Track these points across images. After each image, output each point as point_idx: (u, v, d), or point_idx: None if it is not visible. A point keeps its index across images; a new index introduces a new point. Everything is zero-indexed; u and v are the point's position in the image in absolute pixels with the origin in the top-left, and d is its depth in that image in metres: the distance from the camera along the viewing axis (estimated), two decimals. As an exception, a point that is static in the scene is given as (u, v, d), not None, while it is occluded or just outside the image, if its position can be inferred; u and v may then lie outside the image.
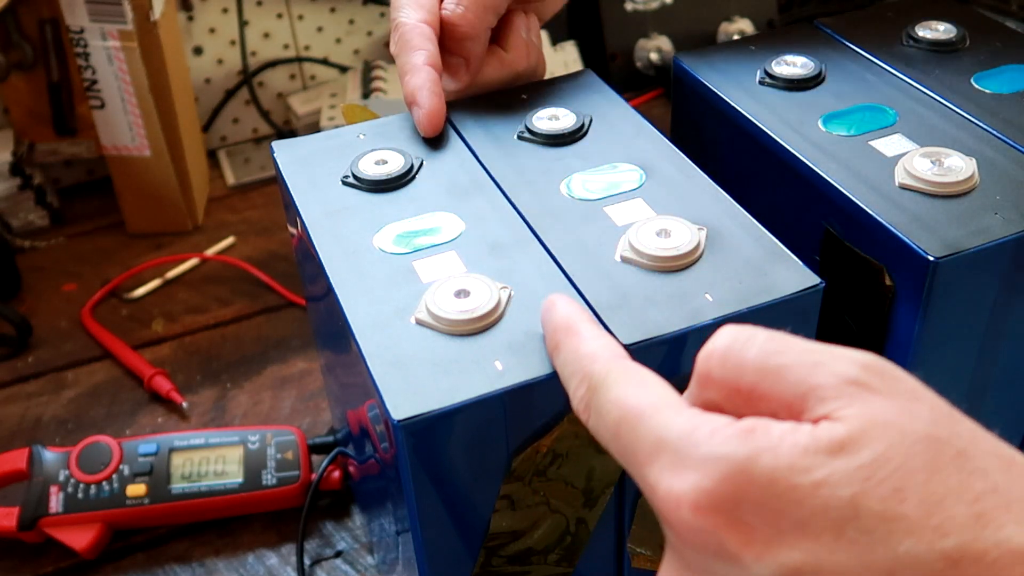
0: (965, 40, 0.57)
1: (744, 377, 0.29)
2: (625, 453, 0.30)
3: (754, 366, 0.29)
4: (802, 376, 0.28)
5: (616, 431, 0.30)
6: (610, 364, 0.32)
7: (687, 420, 0.28)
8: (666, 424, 0.29)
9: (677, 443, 0.28)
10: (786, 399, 0.28)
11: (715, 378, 0.29)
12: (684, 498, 0.27)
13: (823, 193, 0.47)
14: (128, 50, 0.80)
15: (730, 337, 0.29)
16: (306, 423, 0.70)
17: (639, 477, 0.29)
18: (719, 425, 0.28)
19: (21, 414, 0.72)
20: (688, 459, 0.27)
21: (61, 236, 0.89)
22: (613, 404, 0.31)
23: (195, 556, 0.61)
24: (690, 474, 0.27)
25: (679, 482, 0.27)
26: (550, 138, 0.49)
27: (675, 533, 0.28)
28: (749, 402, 0.29)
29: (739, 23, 1.03)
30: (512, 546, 0.40)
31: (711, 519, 0.27)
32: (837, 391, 0.27)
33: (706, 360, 0.30)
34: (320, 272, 0.43)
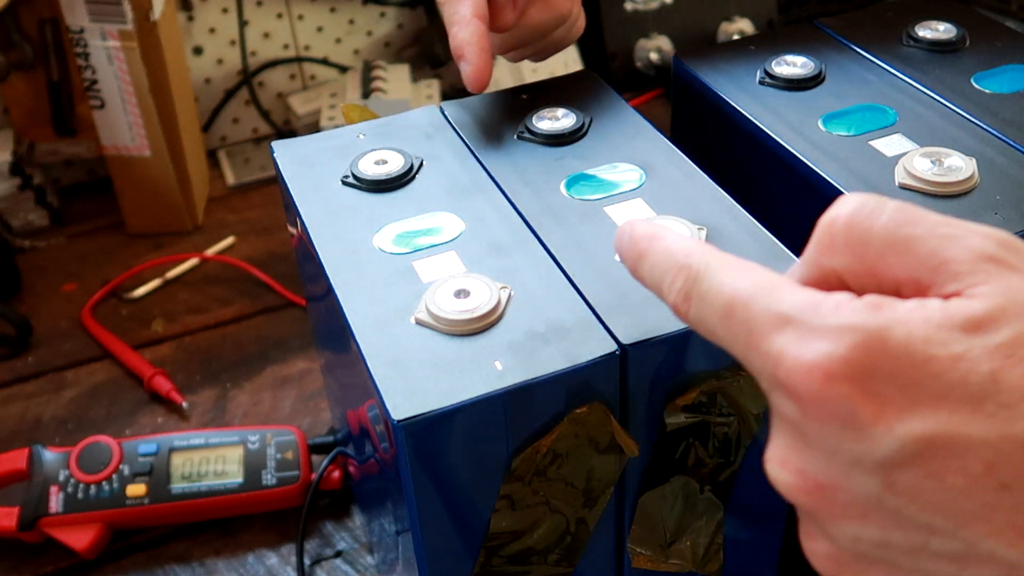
0: (965, 40, 0.57)
1: (871, 245, 0.28)
2: (737, 334, 0.29)
3: (882, 235, 0.28)
4: (934, 249, 0.27)
5: (727, 311, 0.29)
6: (709, 255, 0.31)
7: (808, 295, 0.27)
8: (786, 299, 0.27)
9: (801, 315, 0.27)
10: (915, 272, 0.27)
11: (838, 244, 0.28)
12: (816, 366, 0.26)
13: (823, 193, 0.47)
14: (128, 50, 0.80)
15: (857, 203, 0.28)
16: (306, 423, 0.70)
17: (755, 354, 0.28)
18: (843, 299, 0.27)
19: (21, 414, 0.72)
20: (817, 329, 0.26)
21: (61, 236, 0.89)
22: (721, 287, 0.29)
23: (195, 556, 0.61)
24: (821, 343, 0.26)
25: (809, 351, 0.26)
26: (550, 138, 0.49)
27: (800, 405, 0.27)
28: (872, 272, 0.28)
29: (739, 23, 1.03)
30: (512, 546, 0.40)
31: (844, 387, 0.26)
32: (971, 266, 0.26)
33: (830, 225, 0.29)
34: (320, 272, 0.43)
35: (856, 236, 0.28)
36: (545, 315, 0.38)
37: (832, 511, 0.27)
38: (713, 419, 0.40)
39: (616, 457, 0.39)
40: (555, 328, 0.38)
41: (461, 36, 0.49)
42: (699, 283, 0.30)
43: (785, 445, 0.28)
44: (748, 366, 0.29)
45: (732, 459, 0.42)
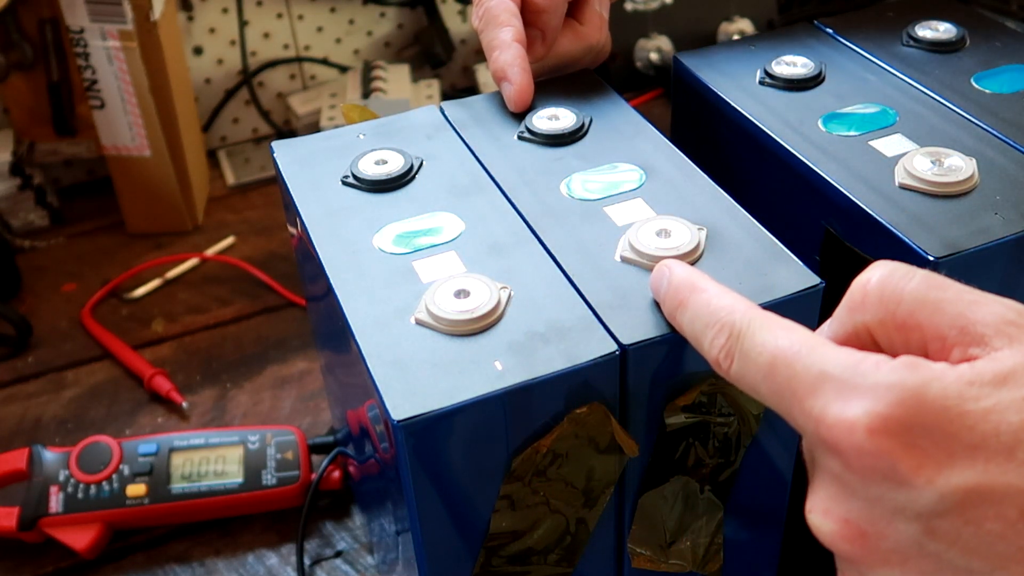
0: (965, 40, 0.57)
1: (902, 306, 0.30)
2: (780, 391, 0.30)
3: (913, 296, 0.30)
4: (961, 311, 0.29)
5: (770, 371, 0.30)
6: (750, 312, 0.32)
7: (848, 354, 0.29)
8: (828, 357, 0.29)
9: (843, 374, 0.29)
10: (942, 331, 0.29)
11: (870, 303, 0.31)
12: (858, 423, 0.28)
13: (823, 193, 0.47)
14: (128, 50, 0.80)
15: (889, 267, 0.31)
16: (306, 423, 0.70)
17: (798, 412, 0.30)
18: (881, 359, 0.28)
19: (21, 414, 0.72)
20: (858, 387, 0.28)
21: (61, 236, 0.89)
22: (763, 346, 0.31)
23: (195, 556, 0.61)
24: (862, 400, 0.28)
25: (851, 408, 0.28)
26: (550, 138, 0.49)
27: (843, 459, 0.28)
28: (901, 331, 0.30)
29: (739, 23, 1.03)
30: (512, 546, 0.40)
31: (885, 442, 0.27)
32: (995, 329, 0.29)
33: (863, 285, 0.31)
34: (320, 272, 0.43)
35: (888, 295, 0.30)
36: (545, 315, 0.38)
37: (874, 557, 0.29)
38: (713, 419, 0.40)
39: (616, 457, 0.39)
40: (555, 328, 0.38)
41: (503, 59, 0.50)
42: (742, 341, 0.32)
43: (828, 496, 0.30)
44: (791, 421, 0.30)
45: (732, 459, 0.42)
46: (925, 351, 0.30)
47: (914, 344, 0.30)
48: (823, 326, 0.33)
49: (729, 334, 0.32)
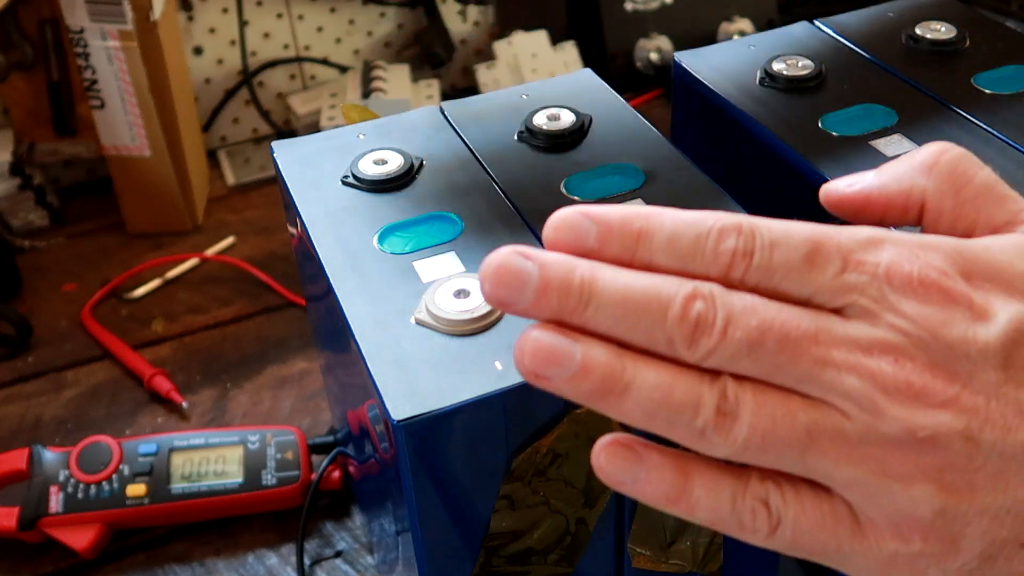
0: (965, 40, 0.57)
1: (971, 186, 0.32)
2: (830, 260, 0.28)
3: (983, 182, 0.32)
4: (1019, 209, 0.32)
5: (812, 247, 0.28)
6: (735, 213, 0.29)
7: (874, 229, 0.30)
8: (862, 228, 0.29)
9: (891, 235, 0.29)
10: (999, 222, 0.31)
11: (940, 172, 0.32)
12: (930, 270, 0.28)
13: (823, 193, 0.47)
14: (128, 50, 0.80)
15: (962, 150, 0.33)
16: (306, 423, 0.70)
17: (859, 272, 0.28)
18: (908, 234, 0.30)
19: (21, 414, 0.72)
20: (917, 243, 0.29)
21: (61, 236, 0.89)
22: (790, 228, 0.28)
23: (195, 556, 0.61)
24: (929, 254, 0.28)
25: (917, 261, 0.28)
26: (550, 138, 0.49)
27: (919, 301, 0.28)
28: (957, 208, 0.32)
29: (739, 23, 1.03)
30: (512, 546, 0.40)
31: (960, 283, 0.28)
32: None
33: (940, 152, 0.32)
34: (320, 272, 0.43)
35: (960, 172, 0.32)
36: (545, 315, 0.38)
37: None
38: (713, 419, 0.40)
39: (616, 457, 0.39)
40: (555, 328, 0.38)
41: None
42: (760, 233, 0.28)
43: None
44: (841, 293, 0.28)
45: (732, 459, 0.42)
46: (972, 231, 0.31)
47: (960, 224, 0.32)
48: (868, 173, 0.33)
49: (738, 231, 0.28)
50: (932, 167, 0.32)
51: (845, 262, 0.28)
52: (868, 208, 0.33)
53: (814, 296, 0.28)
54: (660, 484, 0.28)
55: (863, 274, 0.28)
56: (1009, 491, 0.27)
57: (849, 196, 0.33)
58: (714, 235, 0.28)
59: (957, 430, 0.27)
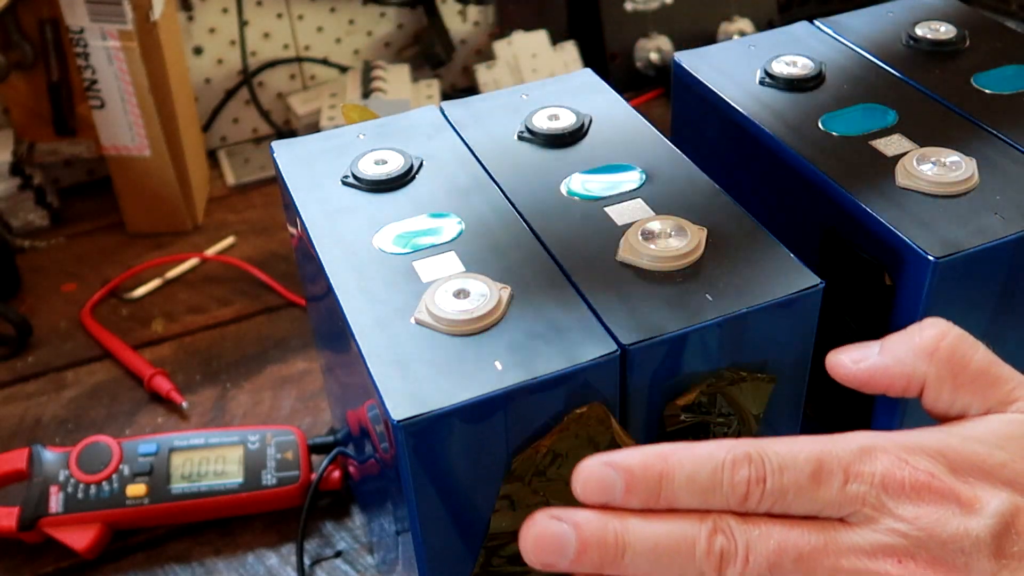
0: (965, 40, 0.57)
1: (966, 371, 0.35)
2: (832, 474, 0.31)
3: (978, 367, 0.35)
4: (1013, 387, 0.35)
5: (816, 466, 0.32)
6: (745, 440, 0.33)
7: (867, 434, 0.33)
8: (857, 437, 0.32)
9: (881, 441, 0.32)
10: (993, 403, 0.34)
11: (940, 359, 0.35)
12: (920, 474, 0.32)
13: (823, 193, 0.47)
14: (128, 50, 0.80)
15: (959, 332, 0.36)
16: (306, 423, 0.70)
17: (859, 482, 0.31)
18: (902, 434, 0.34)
19: (21, 414, 0.72)
20: (906, 448, 0.32)
21: (61, 236, 0.89)
22: (792, 452, 0.32)
23: (195, 556, 0.61)
24: (919, 459, 0.32)
25: (909, 468, 0.32)
26: (550, 138, 0.49)
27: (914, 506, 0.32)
28: (955, 393, 0.35)
29: (739, 23, 1.03)
30: (512, 546, 0.40)
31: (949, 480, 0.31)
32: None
33: (938, 338, 0.35)
34: (320, 272, 0.43)
35: (958, 358, 0.35)
36: (545, 315, 0.38)
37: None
38: (713, 419, 0.40)
39: (616, 457, 0.39)
40: (555, 328, 0.38)
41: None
42: (768, 459, 0.31)
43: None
44: (848, 503, 0.31)
45: (732, 459, 0.42)
46: (965, 414, 0.35)
47: (957, 406, 0.35)
48: (873, 349, 0.37)
49: (749, 460, 0.31)
50: (933, 354, 0.35)
51: (846, 475, 0.31)
52: (872, 384, 0.37)
53: (823, 510, 0.31)
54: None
55: (863, 484, 0.31)
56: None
57: (855, 373, 0.37)
58: (728, 467, 0.31)
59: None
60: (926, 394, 0.36)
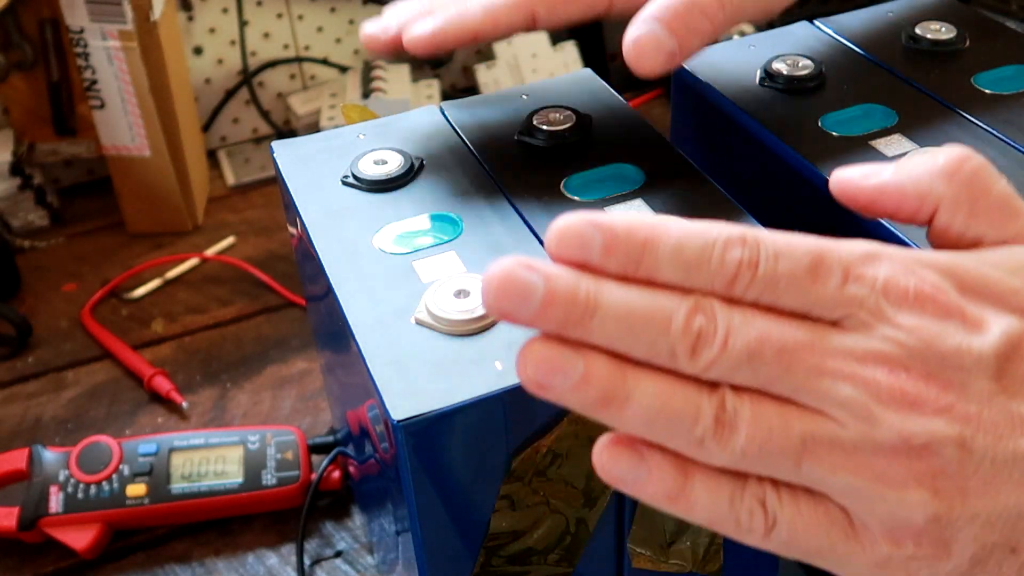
0: (965, 40, 0.57)
1: (989, 197, 0.32)
2: (831, 272, 0.28)
3: (1001, 195, 0.32)
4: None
5: (815, 259, 0.28)
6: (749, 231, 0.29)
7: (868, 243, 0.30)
8: (861, 243, 0.29)
9: (886, 250, 0.29)
10: (1008, 235, 0.32)
11: (960, 181, 0.32)
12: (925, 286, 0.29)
13: (823, 193, 0.47)
14: (128, 50, 0.80)
15: (983, 160, 0.33)
16: (306, 423, 0.70)
17: (858, 285, 0.28)
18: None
19: (21, 414, 0.72)
20: (913, 259, 0.29)
21: (61, 236, 0.89)
22: (792, 241, 0.28)
23: (195, 556, 0.61)
24: (924, 271, 0.29)
25: (913, 276, 0.29)
26: (550, 138, 0.49)
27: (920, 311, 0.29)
28: (973, 215, 0.32)
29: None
30: (512, 546, 0.40)
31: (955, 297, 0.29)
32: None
33: (961, 160, 0.32)
34: (320, 272, 0.43)
35: (979, 184, 0.32)
36: (545, 315, 0.38)
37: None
38: (713, 419, 0.40)
39: (616, 457, 0.39)
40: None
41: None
42: (764, 245, 0.28)
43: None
44: (842, 304, 0.28)
45: (732, 459, 0.42)
46: (979, 243, 0.32)
47: (969, 235, 0.32)
48: (886, 168, 0.33)
49: (743, 242, 0.28)
50: (953, 175, 0.32)
51: (846, 274, 0.28)
52: (879, 203, 0.33)
53: (814, 308, 0.28)
54: (660, 483, 0.28)
55: (863, 286, 0.28)
56: (1000, 498, 0.28)
57: (863, 187, 0.34)
58: (720, 246, 0.28)
59: (951, 437, 0.27)
60: (938, 218, 0.32)
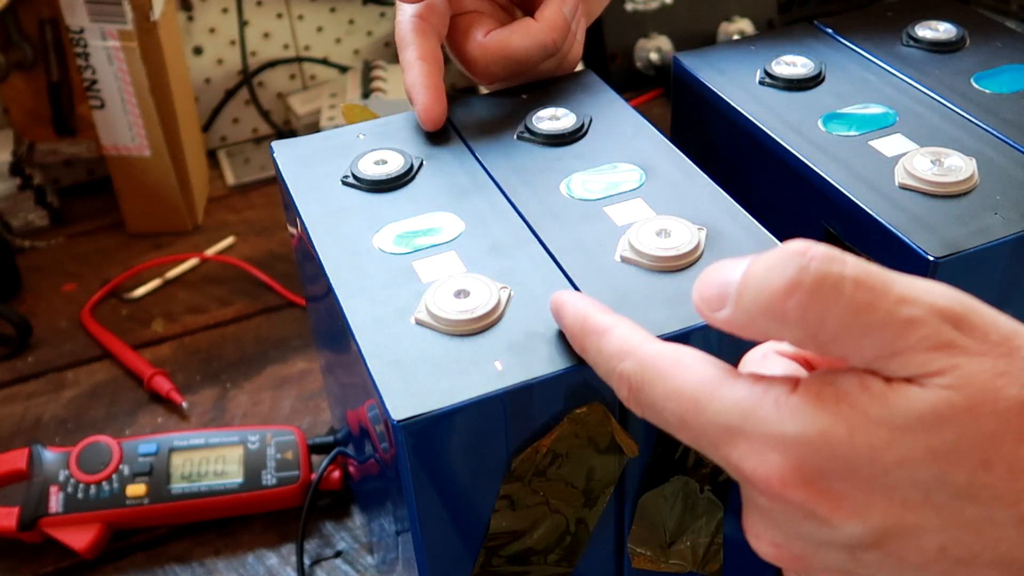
0: (965, 40, 0.57)
1: (826, 328, 0.27)
2: (698, 441, 0.30)
3: (841, 321, 0.27)
4: (890, 339, 0.26)
5: (680, 423, 0.30)
6: (640, 358, 0.32)
7: (746, 396, 0.29)
8: (728, 407, 0.29)
9: (745, 424, 0.28)
10: (869, 357, 0.27)
11: (791, 319, 0.27)
12: (772, 478, 0.28)
13: (823, 193, 0.47)
14: (128, 50, 0.80)
15: (814, 277, 0.27)
16: (306, 423, 0.70)
17: (719, 459, 0.30)
18: (780, 395, 0.28)
19: (21, 414, 0.72)
20: (765, 439, 0.28)
21: (61, 236, 0.89)
22: (665, 399, 0.31)
23: (195, 556, 0.61)
24: (772, 455, 0.28)
25: (763, 464, 0.28)
26: (550, 138, 0.49)
27: (768, 501, 0.29)
28: (822, 347, 0.28)
29: (739, 23, 1.03)
30: (512, 546, 0.40)
31: (801, 493, 0.28)
32: (926, 357, 0.26)
33: (782, 300, 0.27)
34: (320, 272, 0.43)
35: (812, 317, 0.27)
36: (545, 315, 0.38)
37: (811, 573, 0.30)
38: (713, 419, 0.40)
39: (616, 457, 0.39)
40: (555, 328, 0.38)
41: (407, 80, 0.50)
42: (642, 394, 0.31)
43: (759, 522, 0.31)
44: (720, 464, 0.30)
45: (732, 459, 0.42)
46: (847, 362, 0.28)
47: (834, 359, 0.28)
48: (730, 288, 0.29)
49: (628, 385, 0.32)
50: (781, 318, 0.27)
51: (707, 445, 0.30)
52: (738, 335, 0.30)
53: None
54: None
55: (723, 462, 0.30)
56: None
57: (714, 323, 0.30)
58: (615, 378, 0.33)
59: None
60: (795, 349, 0.30)
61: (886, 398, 0.27)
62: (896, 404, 0.27)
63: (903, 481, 0.27)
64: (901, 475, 0.27)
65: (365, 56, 1.03)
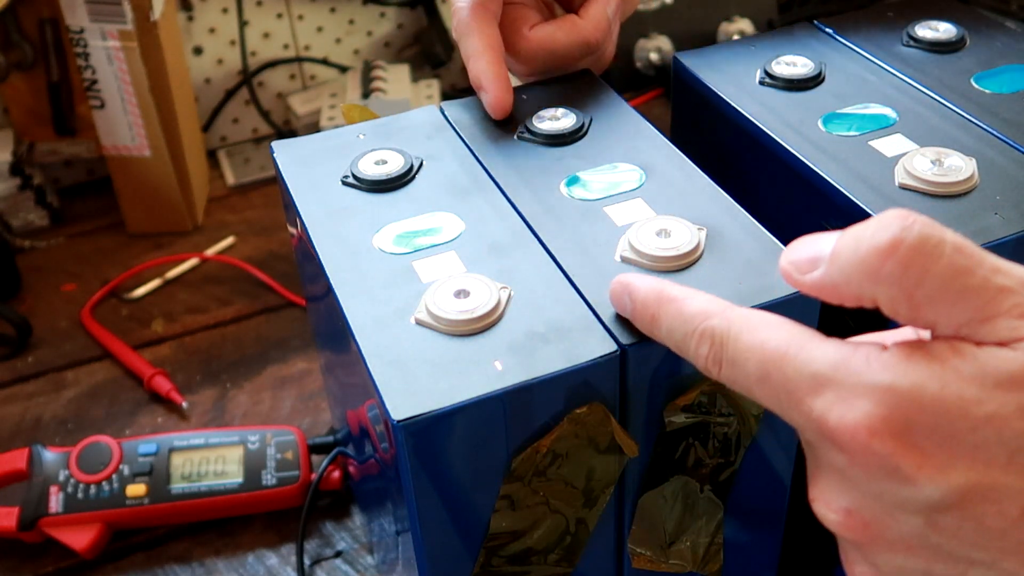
0: (965, 40, 0.57)
1: (923, 287, 0.28)
2: (777, 395, 0.30)
3: (939, 281, 0.28)
4: (986, 302, 0.27)
5: (762, 376, 0.30)
6: (728, 315, 0.32)
7: (836, 350, 0.29)
8: (816, 357, 0.29)
9: (836, 374, 0.29)
10: (962, 320, 0.28)
11: (886, 276, 0.28)
12: (860, 426, 0.28)
13: (823, 193, 0.47)
14: (128, 50, 0.80)
15: (917, 236, 0.28)
16: (306, 423, 0.70)
17: (797, 414, 0.30)
18: (871, 351, 0.29)
19: (21, 414, 0.72)
20: (855, 388, 0.28)
21: (61, 236, 0.89)
22: (751, 351, 0.31)
23: (195, 556, 0.61)
24: (861, 402, 0.28)
25: (851, 412, 0.28)
26: (550, 138, 0.49)
27: (847, 456, 0.29)
28: (915, 308, 0.28)
29: (739, 23, 1.03)
30: (512, 546, 0.40)
31: (888, 444, 0.28)
32: (1018, 323, 0.27)
33: (888, 252, 0.28)
34: (320, 272, 0.43)
35: (912, 274, 0.28)
36: (545, 315, 0.38)
37: (878, 545, 0.30)
38: (713, 419, 0.40)
39: (616, 457, 0.39)
40: (555, 328, 0.38)
41: (476, 68, 0.51)
42: (727, 347, 0.31)
43: (831, 487, 0.30)
44: (789, 421, 0.30)
45: (732, 459, 0.42)
46: (934, 330, 0.29)
47: (921, 323, 0.29)
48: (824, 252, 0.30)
49: (711, 341, 0.32)
50: (878, 273, 0.28)
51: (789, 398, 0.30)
52: (825, 298, 0.31)
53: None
54: None
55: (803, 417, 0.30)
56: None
57: (801, 284, 0.31)
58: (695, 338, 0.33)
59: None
60: (883, 310, 0.30)
61: (977, 358, 0.27)
62: (987, 363, 0.27)
63: (990, 439, 0.27)
64: (988, 433, 0.27)
65: (365, 56, 1.03)
